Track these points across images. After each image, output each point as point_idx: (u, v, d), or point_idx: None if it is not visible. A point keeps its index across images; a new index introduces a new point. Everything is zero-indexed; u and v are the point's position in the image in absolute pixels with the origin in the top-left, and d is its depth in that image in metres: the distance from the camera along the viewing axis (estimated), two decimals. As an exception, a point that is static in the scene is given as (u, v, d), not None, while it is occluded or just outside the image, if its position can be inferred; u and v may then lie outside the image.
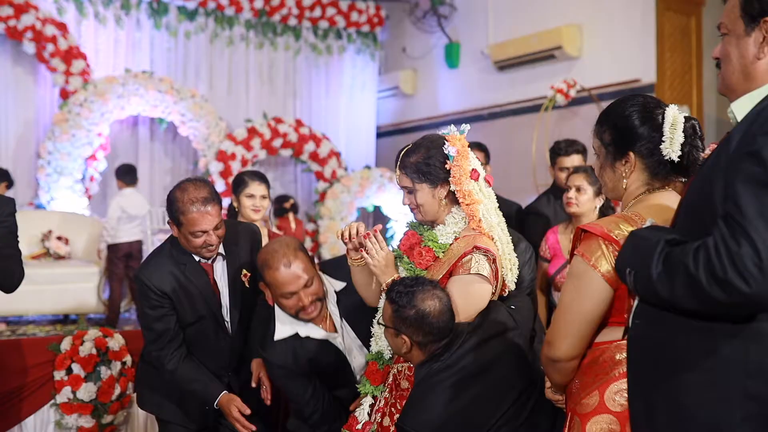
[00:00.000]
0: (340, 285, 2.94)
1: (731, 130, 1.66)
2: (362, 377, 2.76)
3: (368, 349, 2.80)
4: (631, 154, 2.08)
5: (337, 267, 2.95)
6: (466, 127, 2.63)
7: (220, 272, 3.12)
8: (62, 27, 8.72)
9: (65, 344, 4.11)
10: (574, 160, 4.76)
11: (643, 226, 1.78)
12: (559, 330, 2.01)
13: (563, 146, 4.87)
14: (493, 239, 2.59)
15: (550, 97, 7.80)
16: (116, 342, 4.14)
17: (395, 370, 2.69)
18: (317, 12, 10.55)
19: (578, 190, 3.99)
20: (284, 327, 2.88)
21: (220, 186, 9.36)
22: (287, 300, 2.79)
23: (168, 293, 3.01)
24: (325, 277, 2.94)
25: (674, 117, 2.05)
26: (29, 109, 9.04)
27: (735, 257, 1.45)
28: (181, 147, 10.09)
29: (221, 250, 3.11)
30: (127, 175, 7.76)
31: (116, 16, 9.40)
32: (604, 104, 7.41)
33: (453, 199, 2.65)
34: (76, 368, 4.05)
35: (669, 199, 2.07)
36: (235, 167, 9.45)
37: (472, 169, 2.58)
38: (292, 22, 10.52)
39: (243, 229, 3.28)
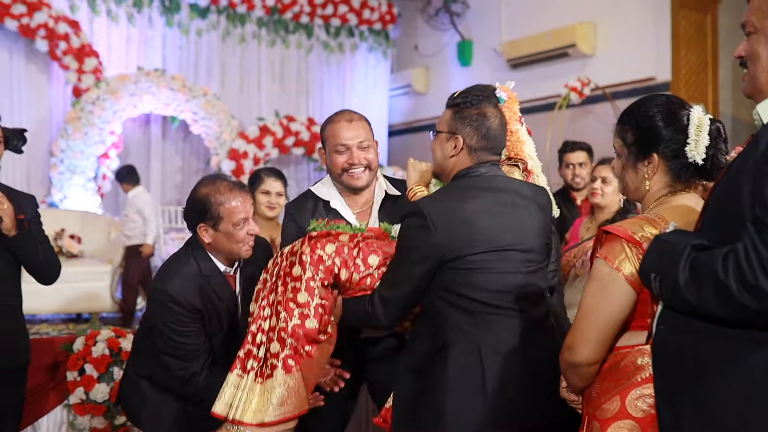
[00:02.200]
0: (394, 191, 3.03)
1: (757, 133, 1.62)
2: None
3: None
4: (655, 156, 2.04)
5: None
6: (511, 83, 2.77)
7: (239, 282, 2.99)
8: (75, 25, 8.73)
9: (78, 344, 4.09)
10: (579, 156, 4.95)
11: (667, 230, 1.74)
12: (580, 334, 1.98)
13: (569, 144, 5.07)
14: (531, 173, 2.74)
15: (563, 95, 7.76)
16: (129, 342, 4.13)
17: None
18: (329, 9, 10.52)
19: (603, 181, 4.05)
20: (322, 188, 2.99)
21: (232, 184, 9.35)
22: (340, 155, 2.88)
23: (200, 308, 2.81)
24: (384, 180, 3.05)
25: (700, 119, 2.01)
26: (42, 107, 9.06)
27: (766, 263, 1.42)
28: (192, 145, 10.09)
29: None
30: (130, 175, 7.79)
31: (128, 13, 9.41)
32: (619, 102, 7.45)
33: None
34: (89, 369, 4.04)
35: (692, 201, 2.03)
36: (247, 166, 9.45)
37: (519, 115, 2.73)
38: (304, 19, 10.51)
39: (257, 241, 3.22)
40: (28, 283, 3.42)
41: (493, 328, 2.33)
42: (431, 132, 2.57)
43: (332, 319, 2.53)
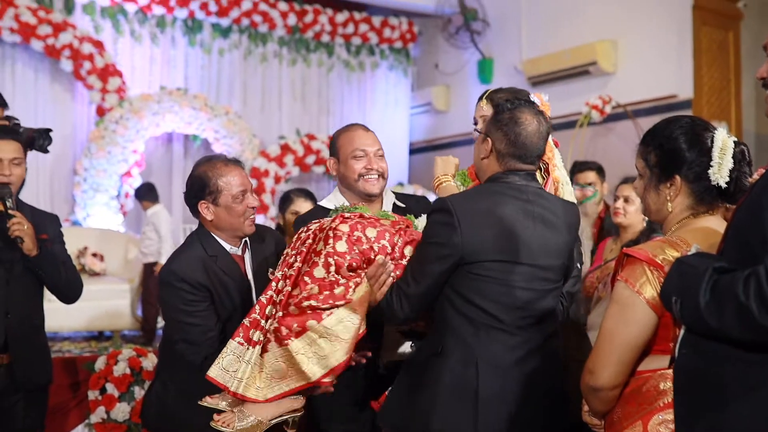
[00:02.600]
0: (402, 205, 3.05)
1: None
2: None
3: None
4: (677, 178, 2.02)
5: None
6: (545, 95, 2.74)
7: (248, 264, 2.95)
8: (99, 45, 8.83)
9: (99, 363, 4.12)
10: (588, 176, 4.95)
11: (689, 253, 1.72)
12: (601, 358, 1.96)
13: (578, 164, 5.08)
14: (557, 188, 2.70)
15: (585, 113, 7.73)
16: (150, 362, 4.14)
17: None
18: (350, 28, 10.58)
19: (626, 200, 4.02)
20: (331, 202, 2.97)
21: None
22: (358, 160, 2.92)
23: (206, 285, 2.76)
24: (392, 194, 3.09)
25: (724, 141, 1.98)
26: (66, 126, 9.15)
27: None
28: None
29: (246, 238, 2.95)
30: (150, 193, 7.90)
31: (152, 33, 9.51)
32: (640, 120, 7.41)
33: None
34: (110, 388, 4.06)
35: (714, 223, 2.01)
36: (269, 184, 9.48)
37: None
38: (325, 38, 10.57)
39: (267, 229, 3.19)
40: (50, 301, 3.45)
41: (495, 343, 2.30)
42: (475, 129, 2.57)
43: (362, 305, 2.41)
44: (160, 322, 7.69)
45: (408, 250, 2.46)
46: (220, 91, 10.04)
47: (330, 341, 2.31)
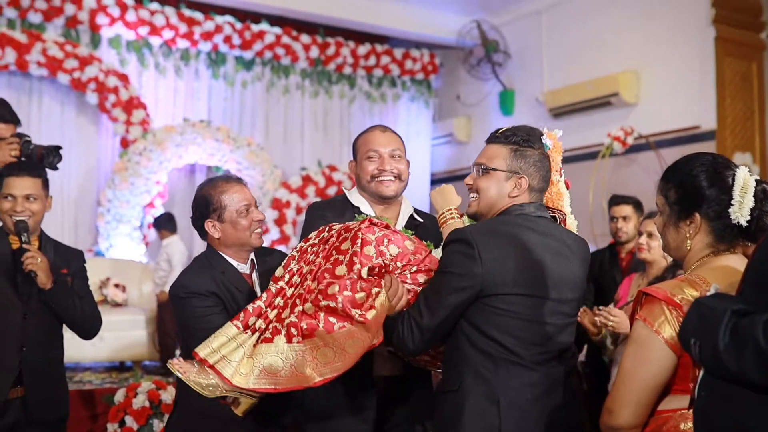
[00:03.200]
0: (419, 219, 3.02)
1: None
2: None
3: None
4: (697, 216, 2.00)
5: None
6: (558, 131, 2.63)
7: (256, 283, 2.94)
8: (124, 78, 8.95)
9: (119, 396, 4.13)
10: (624, 210, 4.92)
11: (708, 294, 1.70)
12: (621, 397, 1.94)
13: (615, 198, 5.05)
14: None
15: (606, 144, 7.70)
16: (169, 395, 4.14)
17: None
18: (372, 60, 10.65)
19: (649, 236, 3.98)
20: (353, 195, 2.97)
21: (274, 233, 9.43)
22: (371, 161, 2.90)
23: (216, 293, 2.75)
24: (408, 204, 3.05)
25: (745, 180, 1.96)
26: (91, 157, 9.26)
27: None
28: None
29: (252, 255, 2.94)
30: (168, 223, 7.97)
31: (176, 66, 9.62)
32: (663, 151, 7.37)
33: None
34: (129, 421, 4.06)
35: (735, 262, 1.98)
36: (290, 215, 9.51)
37: (560, 166, 2.65)
38: (347, 70, 10.64)
39: (275, 251, 3.20)
40: (71, 332, 3.46)
41: (515, 379, 2.25)
42: (478, 168, 2.47)
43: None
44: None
45: (422, 277, 2.44)
46: (242, 123, 10.11)
47: (334, 351, 2.27)
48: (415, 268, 2.43)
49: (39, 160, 3.50)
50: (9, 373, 3.18)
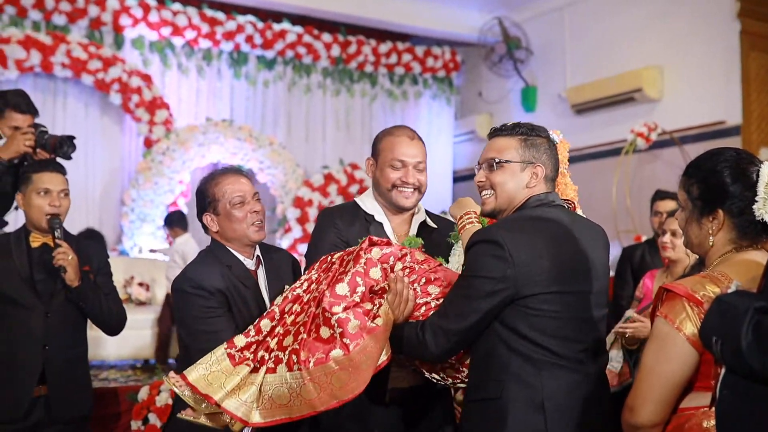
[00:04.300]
0: (431, 224, 2.92)
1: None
2: None
3: None
4: (720, 212, 1.97)
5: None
6: (558, 134, 2.59)
7: (262, 280, 2.87)
8: (147, 78, 9.01)
9: (142, 394, 4.15)
10: (666, 205, 4.85)
11: (729, 290, 1.67)
12: (642, 395, 1.92)
13: (659, 193, 5.03)
14: None
15: (630, 141, 7.64)
16: (191, 392, 4.16)
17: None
18: (393, 58, 10.64)
19: (673, 234, 3.92)
20: (366, 201, 2.88)
21: (297, 232, 9.45)
22: (395, 170, 2.77)
23: (223, 291, 2.68)
24: (422, 210, 2.94)
25: None
26: (115, 157, 9.34)
27: None
28: (259, 193, 10.22)
29: (258, 251, 2.88)
30: (181, 221, 7.98)
31: (198, 66, 9.68)
32: (688, 147, 7.29)
33: None
34: (153, 418, 4.09)
35: (758, 256, 1.96)
36: (312, 213, 9.53)
37: (567, 164, 2.58)
38: (369, 69, 10.64)
39: (280, 249, 3.15)
40: (96, 330, 3.49)
41: (558, 381, 2.13)
42: (489, 162, 2.36)
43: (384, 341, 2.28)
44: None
45: (433, 289, 2.36)
46: (264, 122, 10.15)
47: (349, 373, 2.19)
48: (424, 280, 2.36)
49: (52, 150, 3.53)
50: (32, 372, 3.21)
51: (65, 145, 3.57)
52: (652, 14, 8.25)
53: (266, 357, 2.29)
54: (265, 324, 2.39)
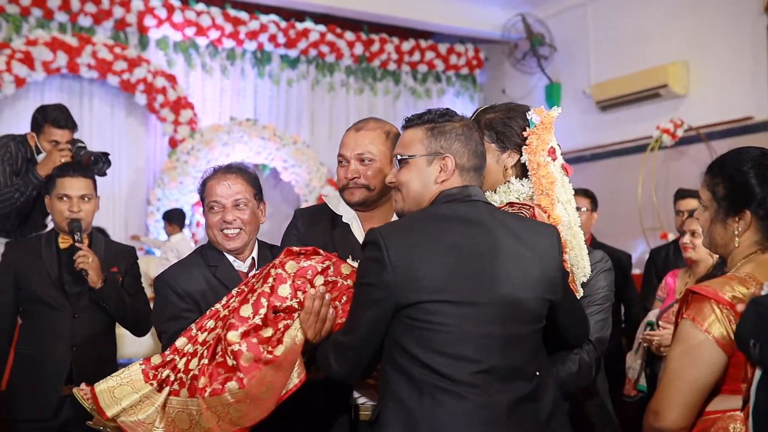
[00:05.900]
0: None
1: None
2: None
3: None
4: (748, 213, 1.94)
5: None
6: (556, 109, 2.29)
7: None
8: (171, 78, 9.07)
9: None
10: (688, 203, 4.81)
11: (763, 293, 1.64)
12: (667, 399, 1.89)
13: (681, 191, 4.99)
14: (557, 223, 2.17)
15: (656, 137, 7.57)
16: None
17: None
18: (416, 56, 10.62)
19: (693, 234, 3.89)
20: (334, 200, 2.61)
21: (321, 230, 9.46)
22: (340, 167, 2.53)
23: (194, 294, 2.54)
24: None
25: None
26: (140, 157, 9.42)
27: None
28: (283, 192, 10.27)
29: (254, 253, 2.72)
30: (180, 219, 8.06)
31: (222, 66, 9.72)
32: (714, 143, 7.21)
33: (519, 173, 2.29)
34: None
35: (783, 258, 1.93)
36: (336, 212, 9.54)
37: (551, 147, 2.23)
38: (392, 67, 10.63)
39: (281, 248, 3.10)
40: (124, 329, 3.53)
41: (442, 408, 1.83)
42: (394, 161, 2.09)
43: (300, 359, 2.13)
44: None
45: None
46: (288, 121, 10.17)
47: (247, 405, 2.07)
48: (345, 298, 2.15)
49: (86, 165, 3.58)
50: (60, 372, 3.25)
51: (100, 161, 3.62)
52: (677, 9, 8.15)
53: (171, 377, 2.17)
54: (181, 343, 2.25)
